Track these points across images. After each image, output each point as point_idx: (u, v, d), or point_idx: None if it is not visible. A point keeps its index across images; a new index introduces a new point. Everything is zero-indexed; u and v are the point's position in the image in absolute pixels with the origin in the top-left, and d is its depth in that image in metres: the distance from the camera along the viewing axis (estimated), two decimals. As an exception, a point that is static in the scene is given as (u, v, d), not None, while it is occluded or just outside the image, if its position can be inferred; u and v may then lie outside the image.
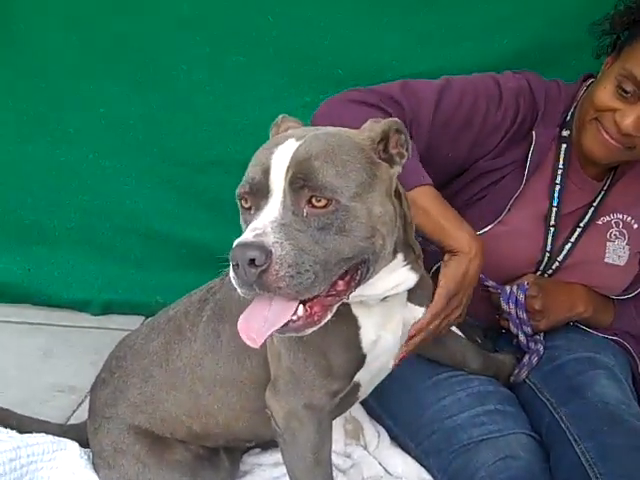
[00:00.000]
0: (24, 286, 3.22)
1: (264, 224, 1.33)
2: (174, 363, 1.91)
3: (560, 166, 2.17)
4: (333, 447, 1.77)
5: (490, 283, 2.19)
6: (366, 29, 2.76)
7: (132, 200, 3.13)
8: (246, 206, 1.44)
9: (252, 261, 1.29)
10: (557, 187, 2.16)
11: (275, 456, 2.13)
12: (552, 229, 2.18)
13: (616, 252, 2.20)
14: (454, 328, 2.17)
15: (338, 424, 2.04)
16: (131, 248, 3.20)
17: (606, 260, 2.20)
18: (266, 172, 1.39)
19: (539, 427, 2.00)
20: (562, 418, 1.95)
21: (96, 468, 2.00)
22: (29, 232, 3.23)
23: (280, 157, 1.40)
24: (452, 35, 2.70)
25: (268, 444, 2.13)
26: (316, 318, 1.41)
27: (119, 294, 3.21)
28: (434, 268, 1.92)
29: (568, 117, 2.18)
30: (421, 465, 2.06)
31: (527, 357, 2.18)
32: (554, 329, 2.23)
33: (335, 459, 1.84)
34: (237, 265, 1.31)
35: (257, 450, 2.19)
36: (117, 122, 3.03)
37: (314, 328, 1.41)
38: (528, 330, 2.19)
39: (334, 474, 1.78)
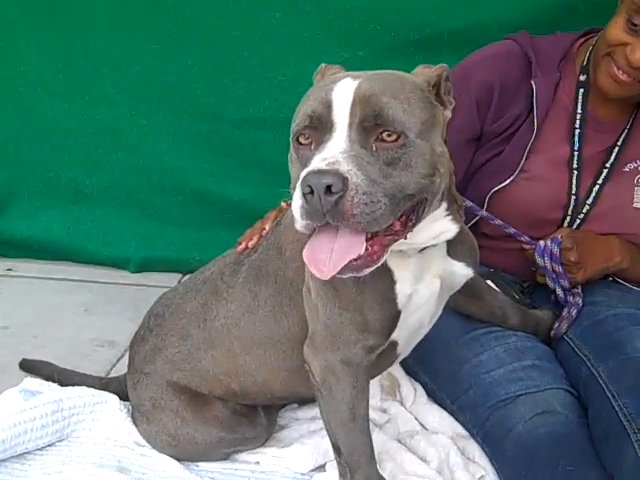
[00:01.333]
0: (64, 244, 3.27)
1: (334, 154, 1.31)
2: (212, 323, 1.92)
3: (579, 110, 2.17)
4: (370, 402, 1.77)
5: (524, 238, 2.17)
6: (404, -18, 2.71)
7: (169, 158, 3.15)
8: (305, 142, 1.42)
9: (328, 188, 1.27)
10: (577, 131, 2.17)
11: (312, 411, 2.15)
12: (575, 172, 2.17)
13: None
14: (491, 284, 2.16)
15: (375, 380, 2.05)
16: (168, 206, 3.23)
17: (635, 205, 2.19)
18: (328, 107, 1.37)
19: (577, 383, 1.99)
20: (600, 374, 1.93)
21: (135, 421, 2.04)
22: (67, 191, 3.27)
23: (342, 93, 1.38)
24: (493, -11, 2.65)
25: (305, 400, 2.14)
26: (375, 257, 1.39)
27: (157, 252, 3.24)
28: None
29: (585, 61, 2.17)
30: (457, 420, 2.07)
31: (566, 310, 2.15)
32: (593, 284, 2.20)
33: (371, 414, 1.84)
34: (311, 193, 1.28)
35: (294, 405, 2.21)
36: (153, 80, 3.04)
37: (372, 268, 1.40)
38: (565, 284, 2.16)
39: (370, 428, 1.78)
